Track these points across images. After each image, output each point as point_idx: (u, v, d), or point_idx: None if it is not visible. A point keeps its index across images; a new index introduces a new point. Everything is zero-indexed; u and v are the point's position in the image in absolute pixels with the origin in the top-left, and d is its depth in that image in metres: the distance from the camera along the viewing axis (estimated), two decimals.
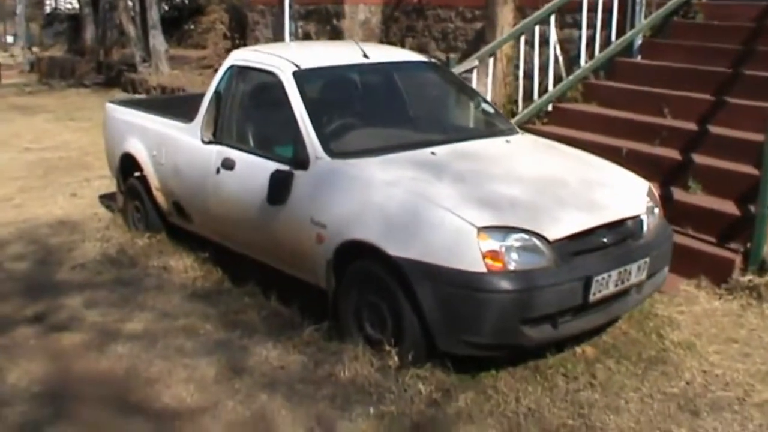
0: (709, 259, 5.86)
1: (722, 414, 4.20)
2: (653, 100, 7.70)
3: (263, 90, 5.68)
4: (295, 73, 5.25)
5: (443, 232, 4.21)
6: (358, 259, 4.57)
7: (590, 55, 8.57)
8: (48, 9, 26.65)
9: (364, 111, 5.67)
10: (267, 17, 13.95)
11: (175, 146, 6.08)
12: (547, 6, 8.24)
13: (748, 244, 5.78)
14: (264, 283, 5.56)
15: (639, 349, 4.81)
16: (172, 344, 4.86)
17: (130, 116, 6.75)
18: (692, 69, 7.77)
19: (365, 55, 5.59)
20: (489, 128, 5.58)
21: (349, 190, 4.65)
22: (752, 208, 6.01)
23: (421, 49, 11.46)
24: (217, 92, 5.78)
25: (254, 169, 5.24)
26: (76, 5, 22.41)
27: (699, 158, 6.82)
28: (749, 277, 5.64)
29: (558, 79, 8.39)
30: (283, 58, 5.43)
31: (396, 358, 4.40)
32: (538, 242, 4.25)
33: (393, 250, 4.30)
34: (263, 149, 5.32)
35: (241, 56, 5.81)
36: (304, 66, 5.33)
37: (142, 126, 6.54)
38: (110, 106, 7.18)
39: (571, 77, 8.28)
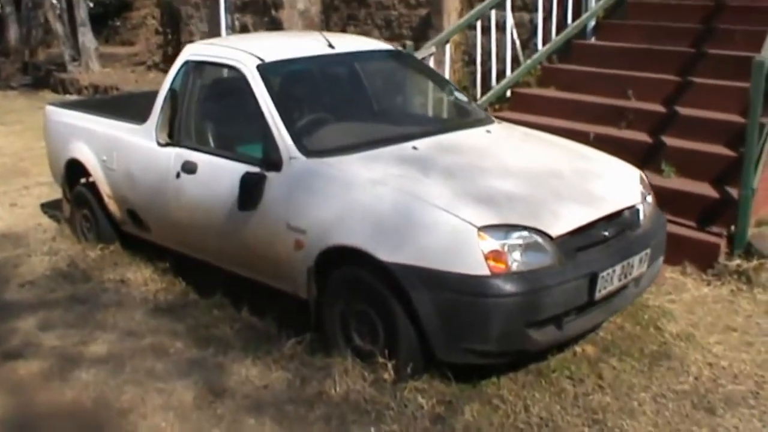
0: (693, 244, 5.63)
1: (739, 410, 3.95)
2: (615, 83, 7.45)
3: (224, 86, 5.23)
4: (259, 67, 4.81)
5: (439, 234, 3.84)
6: (344, 265, 4.17)
7: (545, 38, 8.28)
8: None
9: (336, 105, 5.25)
10: (201, 11, 13.34)
11: (127, 150, 5.57)
12: None
13: (732, 227, 5.57)
14: (232, 294, 5.12)
15: (640, 345, 4.54)
16: (141, 367, 4.39)
17: (75, 119, 6.20)
18: (653, 49, 7.55)
19: (330, 45, 5.17)
20: (465, 118, 5.21)
21: (330, 192, 4.24)
22: (731, 190, 5.81)
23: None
24: (171, 90, 5.29)
25: (219, 172, 4.80)
26: None
27: (670, 140, 6.60)
28: (736, 261, 5.43)
29: (514, 65, 8.07)
30: (245, 51, 4.97)
31: (391, 371, 4.02)
32: (540, 240, 3.91)
33: (384, 254, 3.91)
34: (228, 150, 4.87)
35: (196, 50, 5.33)
36: (268, 59, 4.88)
37: (88, 129, 6.00)
38: (51, 108, 6.60)
39: (528, 61, 7.99)
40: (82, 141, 6.02)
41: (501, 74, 8.04)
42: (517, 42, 8.14)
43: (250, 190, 4.44)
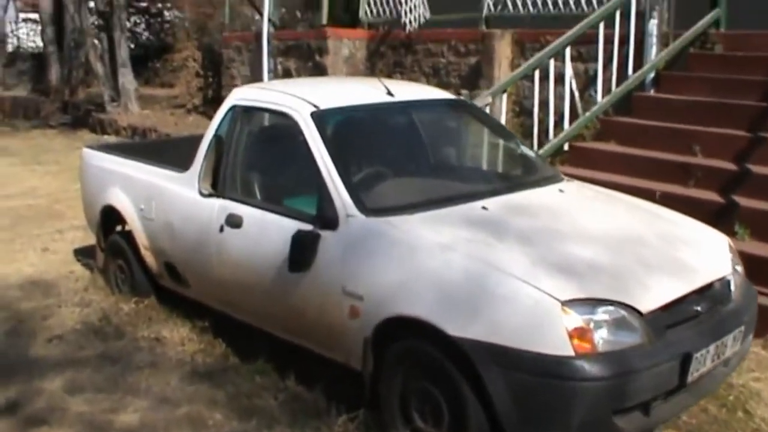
0: None
1: None
2: (679, 137, 6.98)
3: (274, 134, 4.84)
4: (314, 115, 4.40)
5: (517, 307, 3.38)
6: (406, 337, 3.71)
7: (603, 90, 7.85)
8: (10, 47, 25.41)
9: (396, 158, 4.83)
10: (243, 54, 13.11)
11: (167, 199, 5.18)
12: (561, 38, 7.50)
13: None
14: (277, 359, 4.67)
15: (728, 431, 4.02)
16: None
17: (112, 164, 5.83)
18: (718, 103, 7.07)
19: (389, 93, 4.76)
20: (535, 175, 4.75)
21: (392, 255, 3.79)
22: None
23: None
24: (217, 137, 4.91)
25: (267, 228, 4.38)
26: (40, 44, 21.35)
27: (742, 200, 6.10)
28: None
29: (572, 116, 7.64)
30: (298, 96, 4.58)
31: None
32: (628, 316, 3.44)
33: (453, 328, 3.45)
34: (277, 204, 4.45)
35: (244, 95, 4.94)
36: (323, 106, 4.48)
37: (126, 175, 5.62)
38: (88, 151, 6.25)
39: (587, 114, 7.55)
40: (119, 187, 5.64)
41: (556, 126, 7.62)
42: (576, 93, 7.70)
43: (302, 250, 4.01)
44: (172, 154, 5.77)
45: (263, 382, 4.51)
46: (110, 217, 5.85)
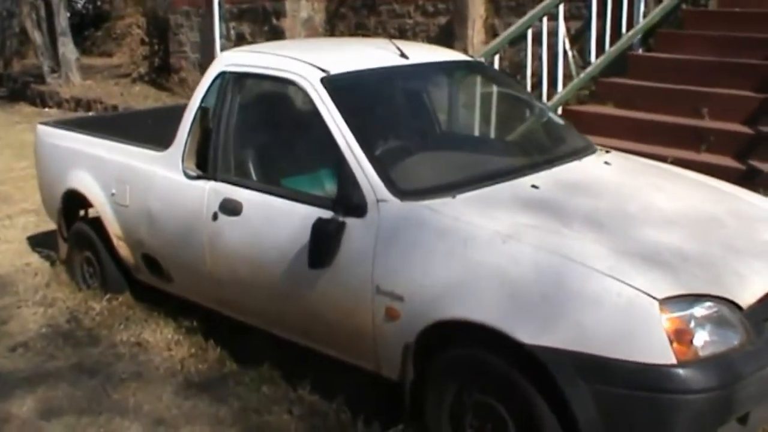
0: None
1: None
2: (683, 99, 6.45)
3: (275, 105, 4.11)
4: (324, 81, 3.68)
5: (607, 308, 2.75)
6: (460, 344, 3.07)
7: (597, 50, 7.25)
8: None
9: (421, 129, 4.13)
10: (192, 19, 12.15)
11: (144, 183, 4.40)
12: None
13: None
14: (283, 364, 3.98)
15: None
16: None
17: (75, 142, 5.00)
18: (721, 62, 6.54)
19: (403, 55, 4.04)
20: (570, 145, 4.09)
21: (440, 248, 3.11)
22: None
23: None
24: (202, 109, 4.15)
25: (274, 216, 3.67)
26: None
27: (763, 165, 5.59)
28: None
29: (566, 79, 7.02)
30: (303, 60, 3.83)
31: None
32: (729, 312, 2.84)
33: (525, 335, 2.81)
34: (281, 186, 3.74)
35: (235, 60, 4.16)
36: (334, 70, 3.75)
37: (93, 155, 4.80)
38: (44, 128, 5.38)
39: (582, 75, 6.93)
40: (85, 169, 4.83)
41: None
42: (570, 53, 7.06)
43: (325, 242, 3.30)
44: (143, 129, 5.01)
45: (272, 393, 3.82)
46: (74, 203, 5.03)
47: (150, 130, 5.08)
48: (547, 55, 6.87)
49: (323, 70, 3.74)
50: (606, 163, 3.90)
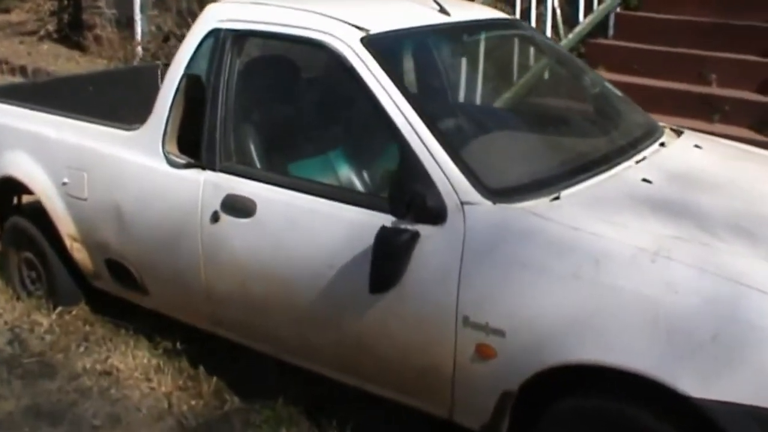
0: None
1: None
2: (685, 63, 5.78)
3: (295, 72, 3.15)
4: (366, 42, 2.76)
5: None
6: (587, 394, 2.27)
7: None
8: None
9: (487, 106, 3.24)
10: None
11: (109, 171, 3.40)
12: None
13: None
14: (299, 395, 3.11)
15: None
16: None
17: (9, 117, 3.90)
18: (719, 23, 5.88)
19: (443, 11, 3.15)
20: (643, 123, 3.28)
21: (558, 268, 2.28)
22: None
23: None
24: (189, 77, 3.16)
25: (305, 220, 2.77)
26: None
27: None
28: None
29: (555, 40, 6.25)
30: (329, 15, 2.90)
31: None
32: None
33: (692, 385, 2.04)
34: (320, 182, 2.82)
35: (231, 14, 3.15)
36: (374, 29, 2.84)
37: (35, 134, 3.74)
38: None
39: (570, 36, 6.17)
40: (25, 151, 3.76)
41: None
42: (558, 11, 6.25)
43: (394, 260, 2.43)
44: (87, 100, 4.01)
45: None
46: (9, 192, 3.97)
47: (97, 100, 4.13)
48: (536, 13, 6.08)
49: (361, 29, 2.82)
50: (696, 146, 3.13)
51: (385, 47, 2.78)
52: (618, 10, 6.55)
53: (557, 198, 2.46)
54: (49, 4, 11.81)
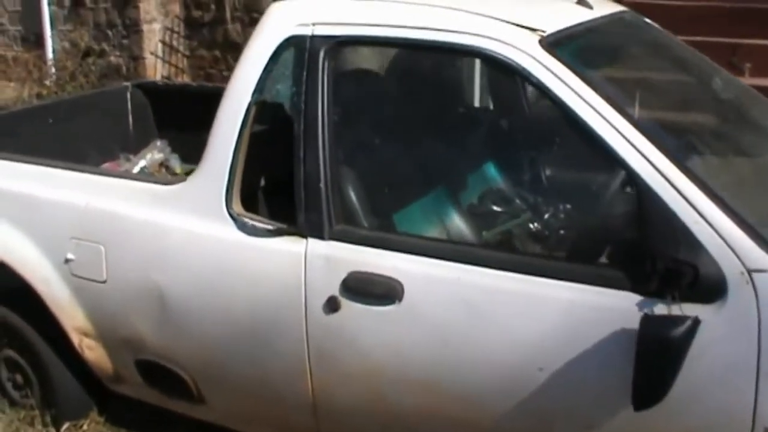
0: None
1: None
2: (713, 53, 5.09)
3: (438, 89, 2.22)
4: (546, 46, 1.89)
5: None
6: None
7: None
8: None
9: (689, 118, 2.36)
10: None
11: (146, 241, 2.36)
12: None
13: None
14: None
15: None
16: None
17: None
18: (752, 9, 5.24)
19: (585, 3, 2.30)
20: None
21: None
22: None
23: (252, 8, 8.04)
24: (262, 105, 2.18)
25: (493, 304, 1.85)
26: None
27: None
28: None
29: None
30: (480, 14, 1.99)
31: None
32: None
33: None
34: (507, 244, 1.93)
35: (322, 15, 2.14)
36: (550, 28, 1.96)
37: (17, 196, 2.62)
38: None
39: None
40: (5, 219, 2.65)
41: None
42: None
43: (670, 360, 1.58)
44: (60, 135, 3.05)
45: None
46: None
47: (60, 135, 3.27)
48: None
49: (533, 29, 1.93)
50: None
51: (572, 53, 1.91)
52: None
53: None
54: None
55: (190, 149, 3.74)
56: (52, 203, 2.54)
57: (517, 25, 1.94)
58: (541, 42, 1.90)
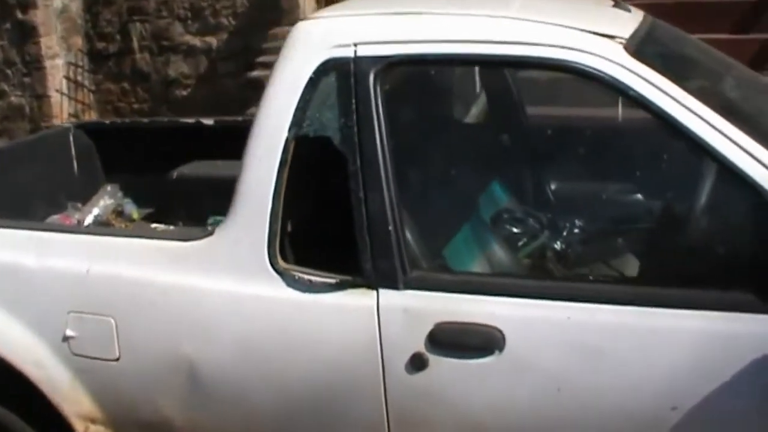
0: None
1: None
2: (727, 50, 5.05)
3: (517, 109, 1.97)
4: (635, 54, 1.70)
5: None
6: None
7: None
8: None
9: None
10: None
11: (169, 308, 2.01)
12: None
13: None
14: None
15: None
16: None
17: None
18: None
19: (625, 7, 2.14)
20: None
21: None
22: None
23: (161, 36, 7.66)
24: (304, 140, 1.88)
25: (616, 343, 1.65)
26: None
27: None
28: None
29: None
30: (551, 23, 1.77)
31: None
32: None
33: None
34: (613, 273, 1.72)
35: (359, 34, 1.84)
36: (623, 35, 1.78)
37: (2, 267, 2.23)
38: None
39: None
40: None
41: None
42: None
43: None
44: (37, 191, 2.73)
45: None
46: None
47: (12, 189, 2.87)
48: None
49: (611, 37, 1.73)
50: None
51: (654, 60, 1.71)
52: None
53: None
54: None
55: (143, 192, 3.43)
56: (42, 273, 2.14)
57: (596, 33, 1.74)
58: (627, 50, 1.70)
